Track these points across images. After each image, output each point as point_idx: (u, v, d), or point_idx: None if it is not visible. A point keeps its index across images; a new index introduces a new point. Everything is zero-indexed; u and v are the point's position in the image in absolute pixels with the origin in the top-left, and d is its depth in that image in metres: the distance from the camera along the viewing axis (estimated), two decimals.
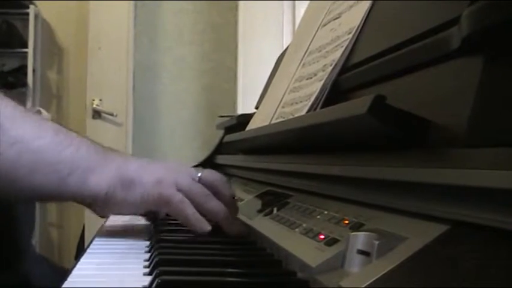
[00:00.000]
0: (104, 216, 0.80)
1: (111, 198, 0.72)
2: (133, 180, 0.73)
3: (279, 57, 1.39)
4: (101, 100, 3.05)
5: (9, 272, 0.81)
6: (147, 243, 0.73)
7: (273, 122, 0.91)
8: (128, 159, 0.77)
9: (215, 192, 0.77)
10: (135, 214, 0.79)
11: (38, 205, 2.32)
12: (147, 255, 0.65)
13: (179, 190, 0.75)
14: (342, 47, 0.74)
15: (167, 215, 0.80)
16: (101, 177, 0.72)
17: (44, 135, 0.69)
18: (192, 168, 0.81)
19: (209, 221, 0.75)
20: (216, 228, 0.77)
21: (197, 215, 0.74)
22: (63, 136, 0.71)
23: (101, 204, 0.74)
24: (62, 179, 0.69)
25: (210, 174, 0.80)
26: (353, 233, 0.44)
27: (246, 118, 1.19)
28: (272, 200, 0.78)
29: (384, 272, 0.36)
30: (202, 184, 0.77)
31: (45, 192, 0.70)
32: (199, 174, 0.78)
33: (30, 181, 0.68)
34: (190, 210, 0.73)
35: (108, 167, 0.73)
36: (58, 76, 3.41)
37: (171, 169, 0.77)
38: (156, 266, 0.55)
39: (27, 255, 0.88)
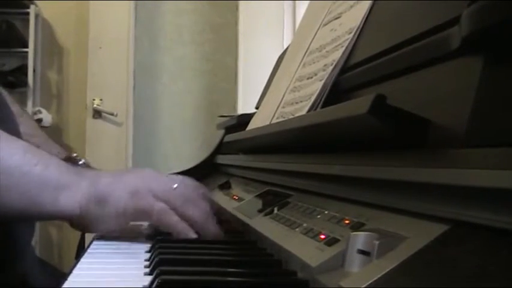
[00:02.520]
0: (86, 232, 0.79)
1: (86, 215, 0.71)
2: (107, 195, 0.72)
3: (280, 57, 1.39)
4: (101, 100, 3.05)
5: (8, 274, 0.81)
6: (147, 243, 0.73)
7: (273, 121, 0.91)
8: (100, 175, 0.75)
9: (192, 200, 0.77)
10: (116, 229, 0.75)
11: None
12: (148, 255, 0.65)
13: (156, 198, 0.73)
14: (343, 46, 0.74)
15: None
16: (73, 195, 0.71)
17: (13, 154, 0.68)
18: (169, 177, 0.80)
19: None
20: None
21: (179, 222, 0.73)
22: (32, 155, 0.70)
23: (77, 223, 0.73)
24: (32, 198, 0.68)
25: (189, 183, 0.80)
26: (353, 233, 0.44)
27: (247, 118, 1.19)
28: (272, 200, 0.78)
29: (384, 272, 0.36)
30: (179, 192, 0.76)
31: (16, 212, 0.69)
32: (175, 186, 0.76)
33: (0, 202, 0.66)
34: (171, 218, 0.73)
35: (79, 184, 0.71)
36: (58, 76, 3.40)
37: (146, 178, 0.76)
38: (156, 266, 0.56)
39: (27, 257, 0.88)
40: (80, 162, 1.08)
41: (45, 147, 1.06)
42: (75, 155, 1.10)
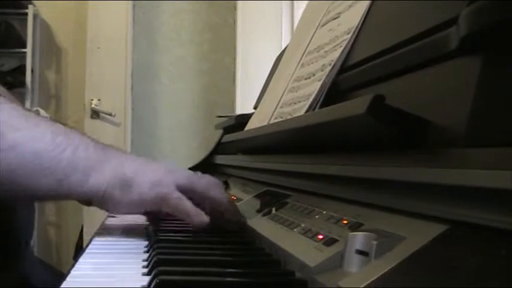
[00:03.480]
0: (110, 212, 0.81)
1: (108, 197, 0.73)
2: (131, 181, 0.73)
3: (278, 57, 1.39)
4: (99, 100, 3.05)
5: (7, 273, 0.81)
6: (146, 243, 0.73)
7: (271, 122, 0.91)
8: (127, 159, 0.77)
9: (214, 186, 0.80)
10: (133, 214, 0.79)
11: (36, 205, 2.32)
12: (146, 255, 0.65)
13: (179, 189, 0.75)
14: (341, 47, 0.74)
15: (168, 214, 0.80)
16: (100, 176, 0.72)
17: (42, 138, 0.69)
18: (190, 171, 0.82)
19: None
20: (215, 228, 0.77)
21: (195, 208, 0.75)
22: (62, 137, 0.71)
23: (98, 203, 0.74)
24: (61, 180, 0.69)
25: (208, 177, 0.82)
26: (352, 233, 0.44)
27: (245, 118, 1.19)
28: (271, 200, 0.78)
29: (382, 272, 0.36)
30: (202, 181, 0.79)
31: (43, 194, 0.71)
32: (197, 175, 0.80)
33: (28, 184, 0.68)
34: (188, 204, 0.75)
35: (106, 166, 0.73)
36: (57, 76, 3.40)
37: (170, 170, 0.78)
38: (154, 266, 0.55)
39: (25, 258, 0.88)
40: None
41: None
42: None
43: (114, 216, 0.90)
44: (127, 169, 0.74)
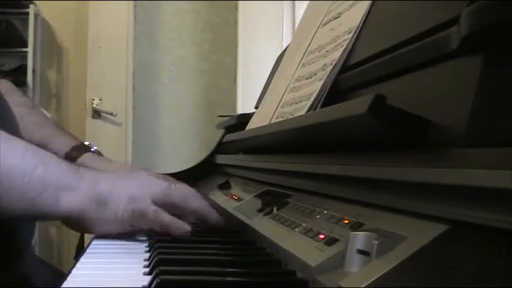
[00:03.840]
0: (82, 232, 0.79)
1: (83, 217, 0.71)
2: (106, 199, 0.72)
3: (279, 57, 1.39)
4: (100, 100, 3.05)
5: (8, 273, 0.81)
6: (147, 243, 0.73)
7: (272, 121, 0.91)
8: (100, 177, 0.75)
9: (192, 196, 0.79)
10: (111, 232, 0.75)
11: None
12: (147, 255, 0.65)
13: (155, 203, 0.75)
14: (342, 46, 0.74)
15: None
16: (73, 196, 0.70)
17: (12, 155, 0.67)
18: (164, 181, 0.81)
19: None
20: (209, 228, 0.77)
21: (174, 219, 0.74)
22: (32, 155, 0.69)
23: (75, 223, 0.73)
24: (32, 199, 0.67)
25: (183, 185, 0.82)
26: (353, 233, 0.44)
27: (246, 118, 1.19)
28: (272, 200, 0.78)
29: (383, 272, 0.36)
30: (179, 192, 0.78)
31: (16, 212, 0.69)
32: (172, 186, 0.78)
33: (0, 202, 0.66)
34: (165, 217, 0.74)
35: (80, 185, 0.71)
36: (58, 76, 3.40)
37: (144, 184, 0.77)
38: (155, 266, 0.56)
39: (27, 257, 0.88)
40: (92, 150, 1.08)
41: (58, 136, 1.07)
42: (87, 143, 1.10)
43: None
44: (102, 187, 0.73)
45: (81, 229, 0.75)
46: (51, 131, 1.08)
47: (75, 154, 1.04)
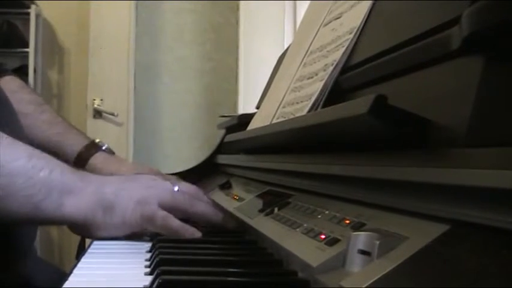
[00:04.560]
0: (88, 237, 0.78)
1: (91, 222, 0.71)
2: (113, 204, 0.72)
3: (280, 57, 1.39)
4: (101, 100, 3.05)
5: (10, 274, 0.81)
6: (148, 243, 0.73)
7: (274, 121, 0.91)
8: (105, 181, 0.75)
9: (197, 197, 0.80)
10: (118, 236, 0.75)
11: None
12: (148, 255, 0.65)
13: (162, 207, 0.74)
14: (343, 46, 0.74)
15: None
16: (79, 201, 0.70)
17: (17, 159, 0.67)
18: (168, 181, 0.81)
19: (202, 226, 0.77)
20: (215, 228, 0.77)
21: (183, 225, 0.74)
22: (37, 159, 0.69)
23: (81, 228, 0.72)
24: (37, 203, 0.67)
25: (187, 186, 0.82)
26: (354, 233, 0.44)
27: (247, 118, 1.19)
28: (273, 200, 0.78)
29: (384, 272, 0.36)
30: (184, 194, 0.79)
31: (19, 216, 0.68)
32: (176, 188, 0.79)
33: (4, 205, 0.66)
34: (175, 223, 0.74)
35: (85, 190, 0.71)
36: (59, 76, 3.41)
37: (150, 187, 0.77)
38: (157, 266, 0.56)
39: (29, 257, 0.88)
40: (104, 148, 1.08)
41: (69, 135, 1.06)
42: (97, 140, 1.10)
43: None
44: (107, 192, 0.72)
45: (88, 234, 0.74)
46: (63, 129, 1.08)
47: (88, 153, 1.04)
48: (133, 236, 0.78)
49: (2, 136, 0.69)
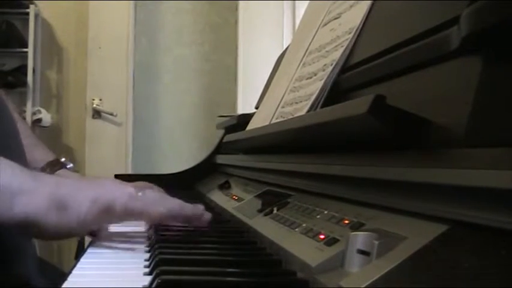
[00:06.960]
0: (47, 239, 0.76)
1: (44, 223, 0.67)
2: (67, 204, 0.69)
3: (279, 57, 1.39)
4: (100, 100, 3.05)
5: (9, 273, 0.81)
6: (147, 243, 0.73)
7: (273, 121, 0.91)
8: (60, 182, 0.72)
9: (162, 199, 0.77)
10: (76, 236, 0.72)
11: None
12: (147, 255, 0.65)
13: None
14: (342, 46, 0.74)
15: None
16: (30, 201, 0.67)
17: None
18: (128, 185, 0.78)
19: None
20: (215, 228, 0.77)
21: (148, 204, 0.72)
22: None
23: (34, 230, 0.69)
24: None
25: (149, 192, 0.78)
26: (353, 233, 0.44)
27: (246, 118, 1.19)
28: (272, 200, 0.78)
29: (383, 272, 0.36)
30: (147, 197, 0.75)
31: None
32: (139, 193, 0.75)
33: None
34: (137, 204, 0.72)
35: (38, 190, 0.68)
36: (58, 76, 3.40)
37: (107, 187, 0.74)
38: (156, 266, 0.56)
39: (28, 257, 0.88)
40: (68, 167, 1.06)
41: (35, 149, 1.05)
42: (63, 159, 1.07)
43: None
44: (62, 192, 0.69)
45: (41, 235, 0.70)
46: (32, 141, 1.06)
47: (51, 169, 1.03)
48: (95, 234, 0.76)
49: None
